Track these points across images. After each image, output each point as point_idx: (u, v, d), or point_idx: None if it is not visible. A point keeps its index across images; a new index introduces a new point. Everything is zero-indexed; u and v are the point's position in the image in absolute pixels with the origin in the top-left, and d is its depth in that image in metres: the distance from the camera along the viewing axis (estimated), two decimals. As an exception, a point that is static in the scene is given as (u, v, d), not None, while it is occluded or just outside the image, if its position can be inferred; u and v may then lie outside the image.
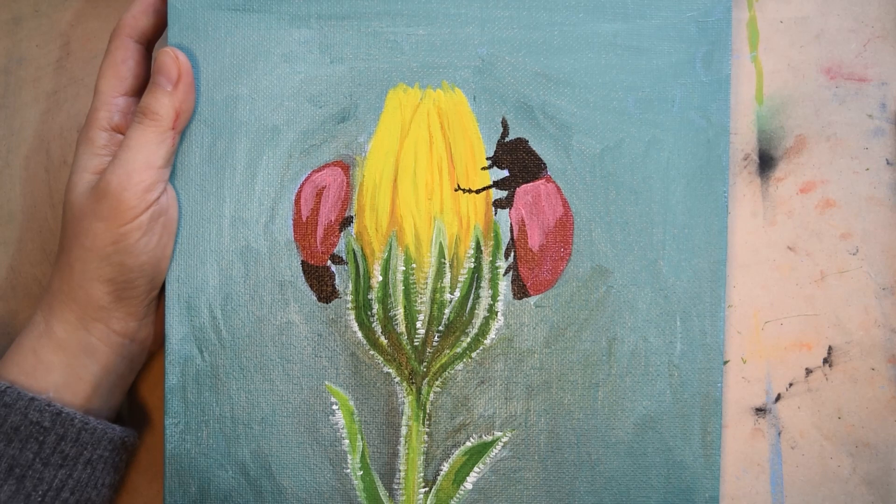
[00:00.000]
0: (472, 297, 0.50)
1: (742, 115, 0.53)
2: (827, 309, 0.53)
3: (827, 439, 0.53)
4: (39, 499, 0.45)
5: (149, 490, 0.54)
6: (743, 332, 0.53)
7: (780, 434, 0.53)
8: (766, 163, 0.54)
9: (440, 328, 0.49)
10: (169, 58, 0.47)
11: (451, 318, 0.49)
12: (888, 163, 0.53)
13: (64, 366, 0.47)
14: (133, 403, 0.55)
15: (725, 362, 0.53)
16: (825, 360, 0.53)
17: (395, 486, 0.50)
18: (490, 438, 0.50)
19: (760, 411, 0.53)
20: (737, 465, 0.53)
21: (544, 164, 0.50)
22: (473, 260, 0.49)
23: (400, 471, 0.50)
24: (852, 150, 0.53)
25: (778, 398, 0.53)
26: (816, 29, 0.54)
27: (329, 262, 0.49)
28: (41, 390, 0.46)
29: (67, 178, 0.48)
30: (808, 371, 0.53)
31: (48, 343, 0.47)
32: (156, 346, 0.52)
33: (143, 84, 0.49)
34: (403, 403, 0.49)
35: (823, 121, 0.54)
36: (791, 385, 0.53)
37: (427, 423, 0.49)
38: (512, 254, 0.50)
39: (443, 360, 0.50)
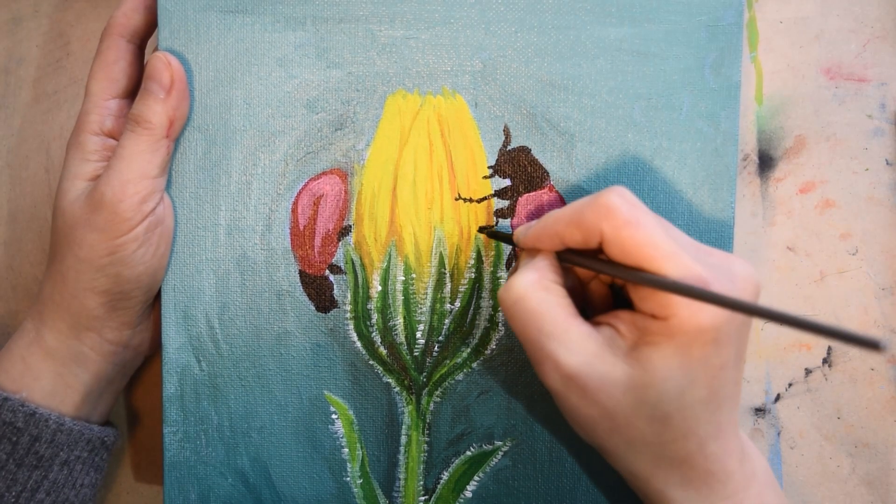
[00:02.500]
0: (472, 308, 0.46)
1: (742, 116, 0.51)
2: (826, 309, 0.51)
3: (826, 439, 0.51)
4: (13, 500, 0.43)
5: (149, 491, 0.53)
6: (743, 334, 0.50)
7: (779, 434, 0.51)
8: (765, 163, 0.52)
9: (440, 338, 0.47)
10: (161, 63, 0.44)
11: (451, 329, 0.46)
12: (888, 163, 0.51)
13: (53, 374, 0.44)
14: (133, 403, 0.53)
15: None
16: (824, 361, 0.51)
17: (395, 495, 0.47)
18: (490, 448, 0.47)
19: (760, 411, 0.52)
20: (737, 469, 0.50)
21: (547, 173, 0.46)
22: (474, 270, 0.46)
23: (400, 479, 0.47)
24: (852, 150, 0.51)
25: (777, 398, 0.51)
26: (816, 29, 0.52)
27: (327, 272, 0.46)
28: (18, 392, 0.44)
29: (57, 184, 0.45)
30: (808, 371, 0.51)
31: (38, 351, 0.44)
32: (150, 350, 0.49)
33: (136, 85, 0.46)
34: (403, 413, 0.47)
35: (823, 121, 0.51)
36: (790, 385, 0.52)
37: (427, 432, 0.47)
38: (514, 264, 0.46)
39: (443, 371, 0.47)
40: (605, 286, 0.43)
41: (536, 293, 0.38)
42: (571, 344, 0.37)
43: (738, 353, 0.38)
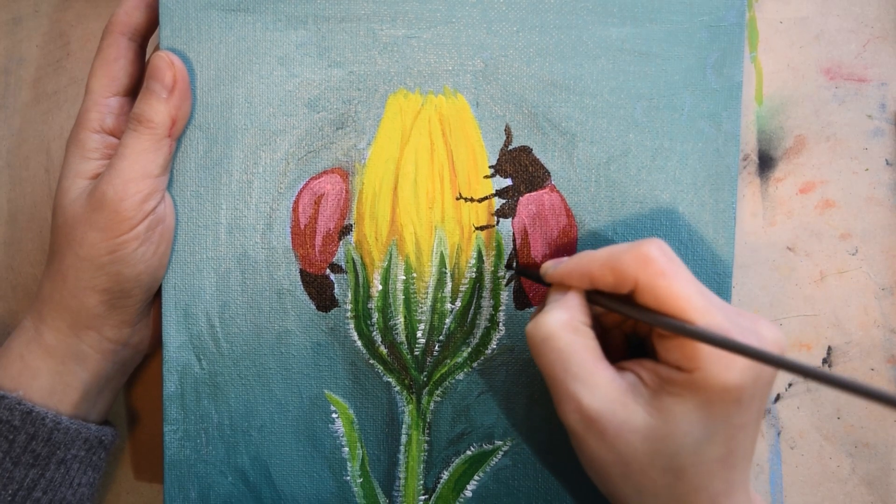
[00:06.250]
0: (473, 308, 0.46)
1: (742, 116, 0.51)
2: (826, 309, 0.51)
3: (826, 439, 0.51)
4: (9, 498, 0.43)
5: (149, 490, 0.53)
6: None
7: (779, 434, 0.51)
8: (765, 163, 0.51)
9: (441, 338, 0.46)
10: (164, 62, 0.43)
11: (451, 328, 0.46)
12: (888, 163, 0.51)
13: (52, 372, 0.44)
14: (133, 402, 0.53)
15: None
16: (825, 361, 0.51)
17: (395, 494, 0.47)
18: (490, 447, 0.47)
19: (759, 412, 0.50)
20: (737, 468, 0.50)
21: (548, 172, 0.46)
22: (475, 270, 0.46)
23: (400, 478, 0.47)
24: (852, 150, 0.51)
25: (777, 398, 0.51)
26: (816, 29, 0.51)
27: (328, 271, 0.46)
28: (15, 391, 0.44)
29: (57, 182, 0.45)
30: (808, 371, 0.50)
31: (37, 349, 0.44)
32: (150, 349, 0.49)
33: (136, 83, 0.46)
34: (403, 412, 0.47)
35: (823, 121, 0.51)
36: (790, 385, 0.51)
37: (427, 431, 0.47)
38: (514, 264, 0.46)
39: (443, 370, 0.47)
40: (621, 336, 0.43)
41: (566, 334, 0.38)
42: (595, 387, 0.37)
43: (759, 414, 0.38)
